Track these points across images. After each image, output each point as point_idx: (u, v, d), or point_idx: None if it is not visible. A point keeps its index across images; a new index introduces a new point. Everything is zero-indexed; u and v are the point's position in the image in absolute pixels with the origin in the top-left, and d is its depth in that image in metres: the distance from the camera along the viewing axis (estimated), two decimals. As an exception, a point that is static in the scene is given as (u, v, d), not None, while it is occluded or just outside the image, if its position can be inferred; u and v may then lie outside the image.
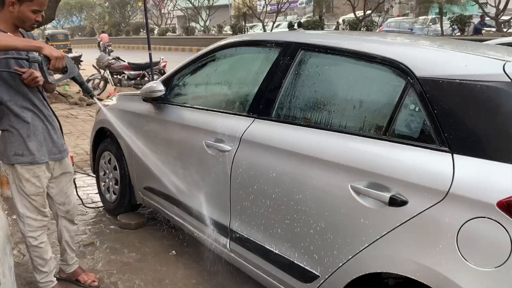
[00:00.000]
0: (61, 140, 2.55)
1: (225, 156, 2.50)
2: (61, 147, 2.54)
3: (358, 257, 1.87)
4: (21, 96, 2.34)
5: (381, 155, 1.86)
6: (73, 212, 2.72)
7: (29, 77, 2.30)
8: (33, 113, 2.38)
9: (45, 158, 2.43)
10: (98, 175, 3.99)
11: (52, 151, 2.48)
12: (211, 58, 2.92)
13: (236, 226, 2.51)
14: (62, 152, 2.55)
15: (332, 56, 2.24)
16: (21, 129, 2.35)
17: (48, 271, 2.58)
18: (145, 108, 3.24)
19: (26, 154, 2.38)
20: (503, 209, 1.48)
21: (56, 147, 2.50)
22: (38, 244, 2.51)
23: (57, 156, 2.51)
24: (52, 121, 2.50)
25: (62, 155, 2.55)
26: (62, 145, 2.55)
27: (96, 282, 2.77)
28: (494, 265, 1.49)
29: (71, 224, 2.73)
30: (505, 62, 1.70)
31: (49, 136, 2.46)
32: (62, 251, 2.77)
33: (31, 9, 2.26)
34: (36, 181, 2.44)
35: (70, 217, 2.71)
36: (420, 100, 1.81)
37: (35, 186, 2.44)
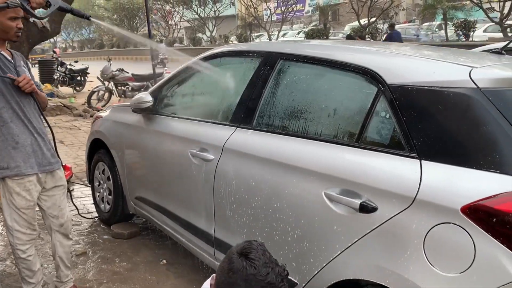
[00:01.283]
0: (51, 151, 2.55)
1: (208, 165, 2.53)
2: (51, 159, 2.52)
3: (332, 264, 1.88)
4: (14, 105, 2.35)
5: (353, 162, 1.88)
6: (67, 225, 2.69)
7: (23, 81, 2.33)
8: (23, 124, 2.38)
9: (32, 170, 2.41)
10: (93, 186, 4.04)
11: (42, 163, 2.46)
12: (197, 69, 2.96)
13: (221, 235, 2.53)
14: (53, 164, 2.54)
15: (309, 65, 2.27)
16: (8, 140, 2.35)
17: (36, 282, 2.57)
18: (135, 119, 3.29)
19: (11, 166, 2.37)
20: (466, 214, 1.49)
21: (46, 159, 2.48)
22: (27, 257, 2.50)
23: (47, 168, 2.50)
24: (42, 133, 2.49)
25: (52, 166, 2.53)
26: (52, 157, 2.54)
27: None
28: (459, 271, 1.49)
29: (65, 239, 2.69)
30: (472, 69, 1.71)
31: (39, 148, 2.45)
32: (56, 267, 2.72)
33: (8, 17, 2.30)
34: (27, 195, 2.43)
35: (64, 231, 2.67)
36: (391, 107, 1.82)
37: (26, 200, 2.43)
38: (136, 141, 3.28)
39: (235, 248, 1.50)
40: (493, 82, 1.66)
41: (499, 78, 1.69)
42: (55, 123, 8.49)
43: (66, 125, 8.27)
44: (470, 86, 1.66)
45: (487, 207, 1.45)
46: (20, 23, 2.36)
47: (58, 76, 14.25)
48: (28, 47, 10.43)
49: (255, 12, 24.87)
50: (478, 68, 1.73)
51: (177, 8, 34.05)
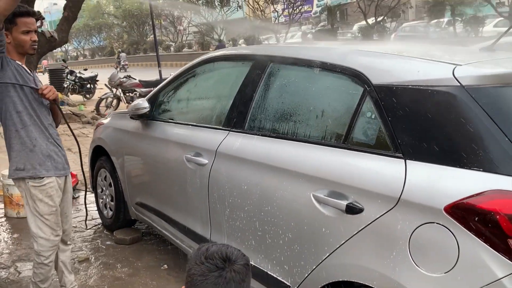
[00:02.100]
0: (65, 158, 2.61)
1: (203, 170, 2.54)
2: (65, 164, 2.59)
3: (322, 266, 1.87)
4: (31, 111, 2.43)
5: (340, 164, 1.87)
6: (69, 232, 2.75)
7: (46, 89, 2.42)
8: (40, 129, 2.46)
9: (47, 173, 2.46)
10: (96, 192, 4.08)
11: (57, 167, 2.51)
12: (191, 74, 2.98)
13: (216, 239, 2.53)
14: (66, 170, 2.60)
15: (297, 67, 2.27)
16: (26, 143, 2.42)
17: (47, 287, 2.61)
18: (134, 126, 3.32)
19: (27, 168, 2.42)
20: (450, 214, 1.47)
21: (60, 163, 2.54)
22: (48, 263, 2.54)
23: (62, 173, 2.55)
24: (57, 140, 2.57)
25: (66, 171, 2.60)
26: (66, 163, 2.60)
27: None
28: (443, 271, 1.48)
29: (65, 245, 2.73)
30: (455, 66, 1.69)
31: (55, 153, 2.51)
32: (60, 274, 2.74)
33: (21, 31, 2.38)
34: (49, 201, 2.48)
35: (65, 237, 2.71)
36: (376, 108, 1.82)
37: (48, 206, 2.48)
38: (134, 147, 3.31)
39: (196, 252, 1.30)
40: (477, 80, 1.64)
41: (483, 75, 1.67)
42: (64, 131, 8.54)
43: (74, 133, 8.34)
44: (454, 84, 1.64)
45: (470, 206, 1.44)
46: (34, 35, 2.43)
47: (68, 84, 14.46)
48: (37, 57, 10.59)
49: (263, 15, 24.85)
50: (462, 65, 1.71)
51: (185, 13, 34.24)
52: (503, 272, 1.36)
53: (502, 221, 1.37)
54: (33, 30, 2.43)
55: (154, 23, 9.47)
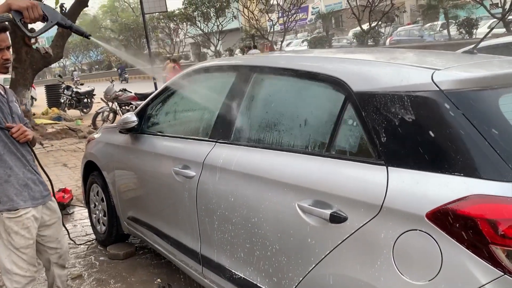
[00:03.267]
0: (44, 184, 2.49)
1: (190, 182, 2.52)
2: (43, 192, 2.46)
3: (309, 277, 1.85)
4: (5, 138, 2.30)
5: (324, 172, 1.86)
6: (65, 256, 2.64)
7: (18, 131, 2.30)
8: (16, 157, 2.34)
9: (24, 204, 2.33)
10: (89, 207, 4.06)
11: (35, 197, 2.39)
12: (177, 87, 2.98)
13: (207, 252, 2.51)
14: (45, 197, 2.47)
15: (280, 77, 2.26)
16: (1, 173, 2.28)
17: None
18: (123, 140, 3.31)
19: (3, 200, 2.29)
20: (431, 220, 1.45)
21: (38, 192, 2.42)
22: None
23: (40, 201, 2.43)
24: (34, 166, 2.46)
25: (44, 200, 2.46)
26: (45, 189, 2.48)
27: None
28: (427, 278, 1.45)
29: (62, 269, 2.64)
30: (434, 71, 1.68)
31: (32, 181, 2.39)
32: None
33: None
34: (26, 233, 2.34)
35: (62, 262, 2.62)
36: (357, 115, 1.80)
37: (25, 239, 2.33)
38: (124, 161, 3.30)
39: None
40: (456, 84, 1.63)
41: (462, 79, 1.66)
42: (60, 146, 8.61)
43: (70, 148, 8.36)
44: (433, 89, 1.63)
45: (451, 211, 1.42)
46: (7, 53, 2.29)
47: (64, 99, 14.49)
48: (32, 73, 10.66)
49: (257, 24, 24.95)
50: (441, 70, 1.70)
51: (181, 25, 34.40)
52: (486, 278, 1.34)
53: (483, 226, 1.35)
54: (5, 47, 2.27)
55: (148, 36, 9.49)
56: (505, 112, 1.58)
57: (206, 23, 30.70)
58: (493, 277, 1.33)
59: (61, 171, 6.68)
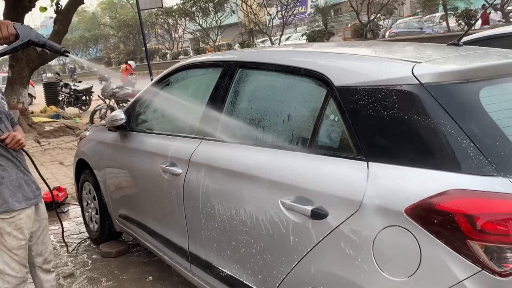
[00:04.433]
0: (36, 184, 2.45)
1: (177, 180, 2.51)
2: (36, 191, 2.43)
3: (292, 274, 1.84)
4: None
5: (306, 168, 1.84)
6: (50, 259, 2.60)
7: (12, 141, 2.27)
8: (7, 158, 2.30)
9: (19, 205, 2.30)
10: (82, 206, 4.05)
11: (28, 197, 2.36)
12: (165, 83, 2.96)
13: (194, 249, 2.50)
14: (37, 197, 2.44)
15: (264, 71, 2.24)
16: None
17: None
18: (112, 137, 3.29)
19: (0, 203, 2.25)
20: (410, 215, 1.44)
21: (31, 191, 2.39)
22: None
23: (33, 202, 2.40)
24: (25, 165, 2.42)
25: (37, 199, 2.43)
26: (37, 189, 2.45)
27: None
28: (407, 275, 1.44)
29: (47, 274, 2.59)
30: (415, 64, 1.66)
31: (24, 182, 2.36)
32: None
33: None
34: (18, 234, 2.31)
35: (47, 266, 2.58)
36: (339, 110, 1.78)
37: (17, 240, 2.31)
38: (114, 159, 3.28)
39: None
40: (436, 77, 1.60)
41: (442, 72, 1.63)
42: (57, 145, 8.60)
43: (67, 146, 8.35)
44: (413, 82, 1.61)
45: (429, 207, 1.40)
46: None
47: (63, 97, 14.47)
48: (29, 71, 10.64)
49: (256, 18, 24.88)
50: (421, 63, 1.67)
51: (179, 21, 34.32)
52: (464, 274, 1.32)
53: (461, 221, 1.33)
54: None
55: (144, 33, 9.45)
56: (486, 105, 1.55)
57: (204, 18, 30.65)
58: (471, 273, 1.31)
59: (57, 169, 6.67)
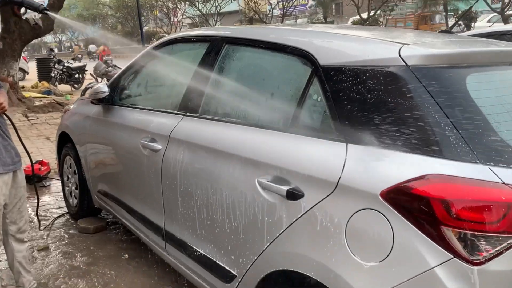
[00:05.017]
0: (15, 150, 2.41)
1: (156, 156, 2.45)
2: (15, 158, 2.38)
3: (264, 255, 1.79)
4: None
5: (285, 148, 1.78)
6: (24, 229, 2.54)
7: None
8: None
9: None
10: (63, 180, 3.98)
11: (6, 162, 2.31)
12: (151, 57, 2.88)
13: (170, 228, 2.45)
14: (16, 163, 2.40)
15: (250, 48, 2.18)
16: None
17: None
18: (95, 111, 3.22)
19: None
20: (386, 199, 1.39)
21: (10, 157, 2.34)
22: None
23: (11, 168, 2.34)
24: (5, 130, 2.36)
25: (15, 166, 2.39)
26: (16, 155, 2.40)
27: None
28: (378, 259, 1.40)
29: (20, 243, 2.54)
30: (402, 46, 1.60)
31: (3, 146, 2.31)
32: (17, 275, 2.55)
33: None
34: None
35: (21, 235, 2.53)
36: (322, 90, 1.73)
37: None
38: (95, 132, 3.21)
39: None
40: (423, 59, 1.55)
41: (430, 54, 1.58)
42: (45, 120, 8.49)
43: (55, 122, 8.21)
44: (399, 64, 1.55)
45: (405, 191, 1.35)
46: None
47: (55, 73, 14.28)
48: (21, 44, 10.48)
49: (256, 7, 24.60)
50: (409, 45, 1.62)
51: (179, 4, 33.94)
52: (435, 261, 1.28)
53: (436, 206, 1.29)
54: None
55: (141, 14, 9.30)
56: (472, 92, 1.51)
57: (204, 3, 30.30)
58: (442, 260, 1.27)
59: (43, 144, 6.57)
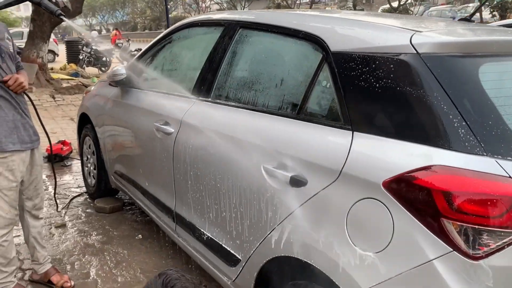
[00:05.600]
0: (34, 129, 2.45)
1: (168, 139, 2.47)
2: (33, 136, 2.42)
3: (266, 241, 1.79)
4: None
5: (292, 135, 1.77)
6: (40, 205, 2.61)
7: (14, 83, 2.26)
8: (4, 99, 2.29)
9: (13, 147, 2.30)
10: (82, 160, 4.07)
11: (24, 140, 2.35)
12: (167, 41, 2.90)
13: (180, 210, 2.48)
14: (34, 142, 2.44)
15: (264, 33, 2.15)
16: None
17: (9, 272, 2.42)
18: (114, 93, 3.26)
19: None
20: (387, 189, 1.37)
21: (28, 136, 2.38)
22: (2, 242, 2.35)
23: (29, 146, 2.39)
24: (25, 110, 2.41)
25: (33, 144, 2.43)
26: (34, 134, 2.44)
27: (69, 283, 2.61)
28: (376, 250, 1.38)
29: (35, 220, 2.60)
30: (414, 33, 1.55)
31: (21, 124, 2.35)
32: (32, 249, 2.62)
33: None
34: (9, 175, 2.30)
35: (36, 212, 2.59)
36: (332, 76, 1.70)
37: (8, 180, 2.30)
38: (113, 114, 3.26)
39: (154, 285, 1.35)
40: (435, 47, 1.50)
41: (442, 42, 1.53)
42: (71, 101, 8.67)
43: (81, 103, 8.40)
44: (410, 51, 1.51)
45: (408, 181, 1.33)
46: None
47: (83, 56, 14.53)
48: (50, 26, 10.67)
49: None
50: (422, 32, 1.57)
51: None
52: (435, 253, 1.26)
53: (437, 198, 1.26)
54: None
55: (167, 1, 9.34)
56: (484, 82, 1.45)
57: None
58: (442, 253, 1.24)
59: (67, 124, 6.73)
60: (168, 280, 1.29)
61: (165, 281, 1.30)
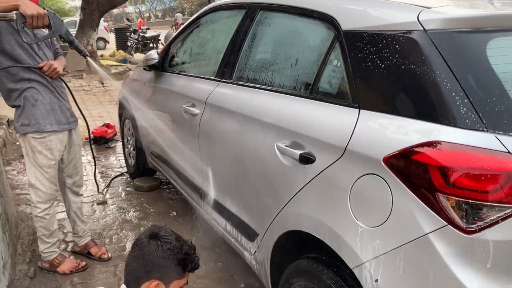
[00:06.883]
0: (70, 111, 2.61)
1: (194, 120, 2.58)
2: (70, 118, 2.59)
3: (280, 216, 1.86)
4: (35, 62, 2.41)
5: (303, 114, 1.81)
6: (79, 183, 2.80)
7: (49, 69, 2.42)
8: (41, 83, 2.44)
9: (50, 127, 2.46)
10: (123, 142, 4.29)
11: (61, 121, 2.52)
12: (195, 25, 2.98)
13: (206, 188, 2.59)
14: (71, 123, 2.60)
15: (282, 14, 2.19)
16: (29, 98, 2.43)
17: (52, 242, 2.64)
18: (148, 77, 3.41)
19: (32, 123, 2.42)
20: (387, 165, 1.39)
21: (65, 117, 2.54)
22: (44, 215, 2.55)
23: (66, 127, 2.55)
24: (61, 93, 2.58)
25: (70, 125, 2.59)
26: (71, 116, 2.61)
27: (106, 255, 2.81)
28: (376, 224, 1.41)
29: (76, 195, 2.81)
30: (422, 9, 1.54)
31: (58, 107, 2.51)
32: (72, 223, 2.85)
33: None
34: (48, 153, 2.49)
35: (76, 188, 2.79)
36: (342, 55, 1.72)
37: (47, 159, 2.49)
38: (147, 97, 3.41)
39: (142, 235, 1.57)
40: (442, 23, 1.48)
41: (450, 18, 1.50)
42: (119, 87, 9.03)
43: (123, 88, 8.74)
44: (416, 28, 1.50)
45: (407, 157, 1.34)
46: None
47: (131, 43, 15.00)
48: (99, 15, 11.10)
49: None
50: (430, 8, 1.56)
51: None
52: (430, 227, 1.28)
53: (433, 173, 1.27)
54: None
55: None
56: (491, 57, 1.43)
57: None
58: (436, 226, 1.26)
59: (113, 108, 7.04)
60: (154, 228, 1.57)
61: (152, 229, 1.57)
